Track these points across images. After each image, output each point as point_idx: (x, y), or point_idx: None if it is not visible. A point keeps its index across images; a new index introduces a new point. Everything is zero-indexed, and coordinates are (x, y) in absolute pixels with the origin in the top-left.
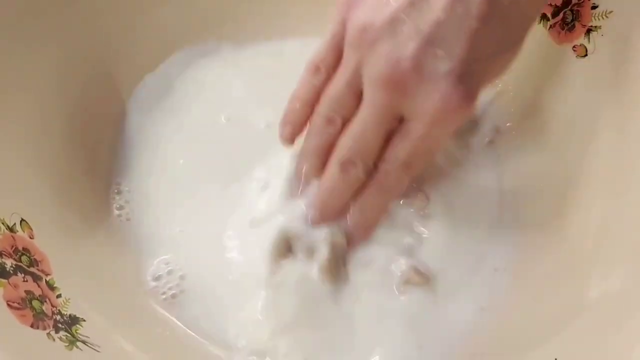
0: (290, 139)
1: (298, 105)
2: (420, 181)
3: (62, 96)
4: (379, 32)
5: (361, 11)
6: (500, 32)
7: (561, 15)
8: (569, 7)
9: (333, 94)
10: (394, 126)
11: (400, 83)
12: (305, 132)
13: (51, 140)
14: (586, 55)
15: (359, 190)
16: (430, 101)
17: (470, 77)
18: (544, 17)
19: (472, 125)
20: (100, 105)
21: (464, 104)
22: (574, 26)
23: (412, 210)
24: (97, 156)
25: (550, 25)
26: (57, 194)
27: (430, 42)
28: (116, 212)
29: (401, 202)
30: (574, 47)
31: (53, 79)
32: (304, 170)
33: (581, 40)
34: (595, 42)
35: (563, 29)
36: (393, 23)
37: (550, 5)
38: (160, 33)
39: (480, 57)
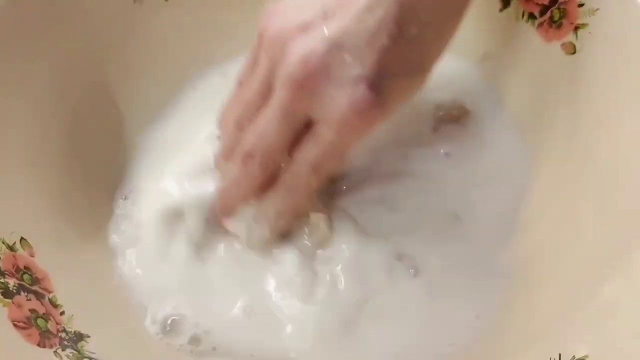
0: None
1: (229, 125)
2: None
3: (59, 111)
4: (290, 35)
5: (276, 21)
6: (408, 55)
7: (549, 13)
8: (556, 5)
9: (245, 98)
10: (300, 127)
11: (308, 83)
12: None
13: (49, 155)
14: (575, 52)
15: (264, 191)
16: (338, 105)
17: (381, 88)
18: (531, 15)
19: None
20: (99, 118)
21: (373, 111)
22: (561, 24)
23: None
24: (95, 169)
25: (539, 24)
26: (56, 209)
27: (340, 46)
28: (117, 224)
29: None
30: (562, 44)
31: (51, 92)
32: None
33: (569, 37)
34: (583, 40)
35: (551, 27)
36: (305, 27)
37: (538, 4)
38: (159, 42)
39: (391, 75)
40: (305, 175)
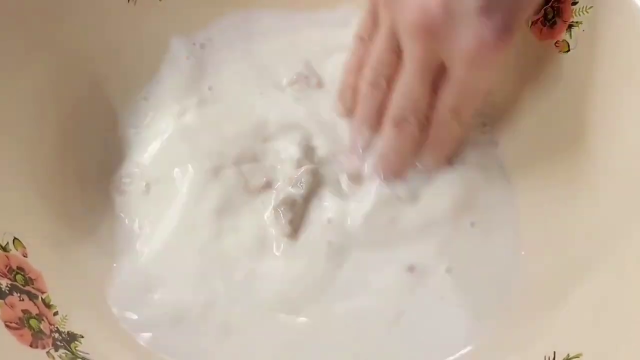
0: (347, 112)
1: (349, 77)
2: None
3: (53, 110)
4: None
5: None
6: None
7: (542, 12)
8: (550, 3)
9: (374, 57)
10: (438, 75)
11: (433, 29)
12: None
13: (42, 154)
14: (569, 50)
15: (420, 145)
16: (465, 42)
17: (501, 10)
18: None
19: None
20: (93, 116)
21: (499, 39)
22: (555, 22)
23: None
24: (90, 168)
25: (532, 22)
26: (49, 209)
27: None
28: (110, 223)
29: None
30: (556, 43)
31: (44, 91)
32: (359, 140)
33: (563, 36)
34: (577, 38)
35: (544, 25)
36: None
37: None
38: (153, 42)
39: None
40: (449, 122)
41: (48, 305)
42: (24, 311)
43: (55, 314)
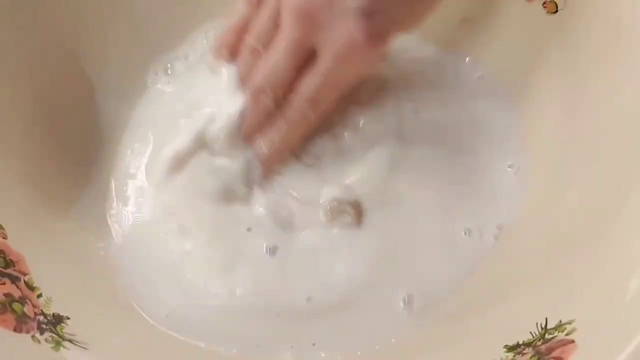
0: (223, 59)
1: (230, 36)
2: None
3: (30, 88)
4: None
5: None
6: None
7: None
8: None
9: (257, 25)
10: (305, 59)
11: (312, 14)
12: None
13: (19, 133)
14: (557, 11)
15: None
16: (337, 35)
17: (379, 18)
18: None
19: None
20: (73, 94)
21: (369, 43)
22: None
23: None
24: (69, 147)
25: None
26: (27, 189)
27: None
28: (90, 200)
29: None
30: (544, 3)
31: (21, 68)
32: None
33: None
34: None
35: None
36: None
37: None
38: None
39: (388, 6)
40: (305, 107)
41: (31, 288)
42: (6, 295)
43: (39, 296)
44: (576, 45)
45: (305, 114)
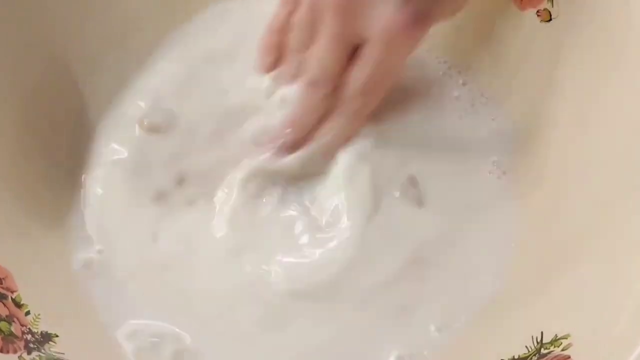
0: (267, 68)
1: (271, 36)
2: None
3: (16, 92)
4: None
5: None
6: None
7: None
8: None
9: (297, 24)
10: (352, 50)
11: (351, 7)
12: None
13: (3, 146)
14: (550, 19)
15: (325, 117)
16: (379, 23)
17: (419, 2)
18: None
19: None
20: (58, 99)
21: (411, 27)
22: None
23: None
24: (56, 154)
25: None
26: (14, 202)
27: None
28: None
29: None
30: (537, 12)
31: (5, 71)
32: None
33: (544, 4)
34: (558, 6)
35: None
36: None
37: None
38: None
39: None
40: (356, 98)
41: (19, 305)
42: None
43: (27, 313)
44: (570, 54)
45: (359, 104)
